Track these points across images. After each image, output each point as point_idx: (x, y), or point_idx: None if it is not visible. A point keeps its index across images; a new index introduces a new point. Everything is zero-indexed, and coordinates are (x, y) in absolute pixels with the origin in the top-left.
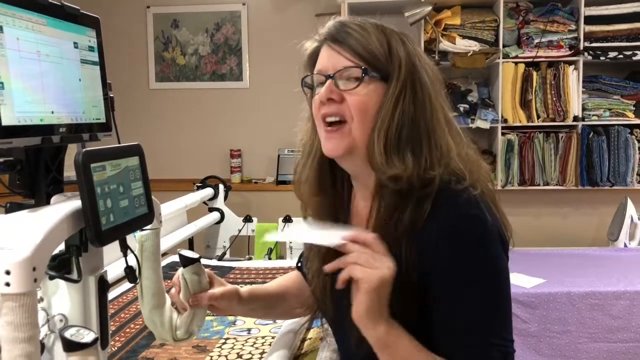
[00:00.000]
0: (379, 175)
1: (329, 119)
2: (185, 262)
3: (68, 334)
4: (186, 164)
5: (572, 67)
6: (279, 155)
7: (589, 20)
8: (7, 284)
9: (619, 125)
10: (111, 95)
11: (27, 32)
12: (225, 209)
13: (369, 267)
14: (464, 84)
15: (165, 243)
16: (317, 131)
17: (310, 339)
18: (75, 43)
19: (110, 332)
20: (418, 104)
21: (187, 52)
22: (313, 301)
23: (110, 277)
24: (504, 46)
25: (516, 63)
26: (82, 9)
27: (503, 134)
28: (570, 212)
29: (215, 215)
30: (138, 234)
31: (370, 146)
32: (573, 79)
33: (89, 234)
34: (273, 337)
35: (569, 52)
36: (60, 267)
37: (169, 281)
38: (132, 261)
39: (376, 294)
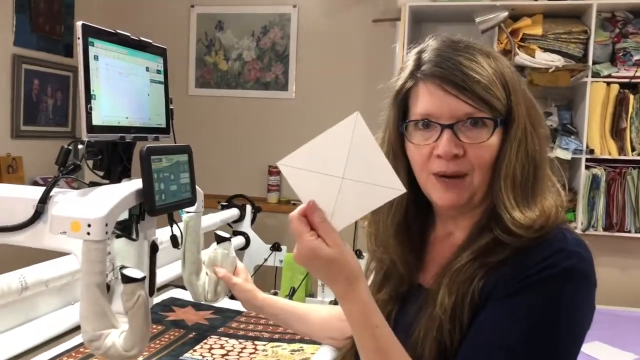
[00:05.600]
0: (510, 225)
1: (446, 173)
2: (219, 239)
3: (125, 270)
4: (219, 178)
5: None
6: None
7: None
8: (88, 233)
9: None
10: (172, 108)
11: (113, 59)
12: (252, 234)
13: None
14: (541, 105)
15: (169, 273)
16: (419, 181)
17: None
18: (147, 67)
19: None
20: (536, 141)
21: (231, 57)
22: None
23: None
24: (594, 63)
25: (608, 83)
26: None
27: (587, 167)
28: None
29: (239, 240)
30: (185, 215)
31: (497, 196)
32: None
33: (146, 206)
34: None
35: None
36: (125, 229)
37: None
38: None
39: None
